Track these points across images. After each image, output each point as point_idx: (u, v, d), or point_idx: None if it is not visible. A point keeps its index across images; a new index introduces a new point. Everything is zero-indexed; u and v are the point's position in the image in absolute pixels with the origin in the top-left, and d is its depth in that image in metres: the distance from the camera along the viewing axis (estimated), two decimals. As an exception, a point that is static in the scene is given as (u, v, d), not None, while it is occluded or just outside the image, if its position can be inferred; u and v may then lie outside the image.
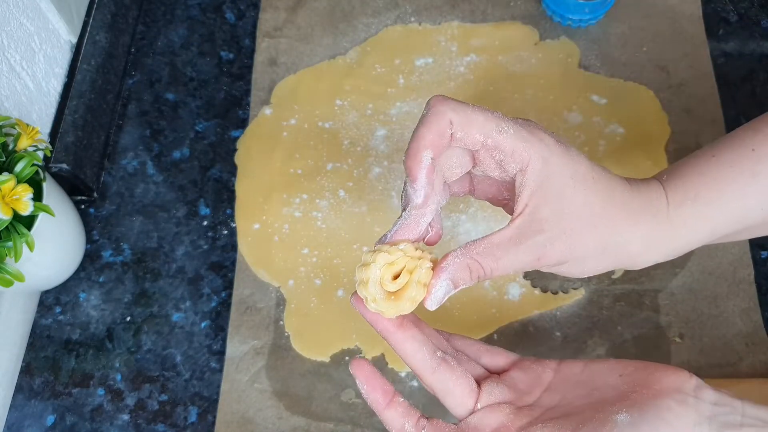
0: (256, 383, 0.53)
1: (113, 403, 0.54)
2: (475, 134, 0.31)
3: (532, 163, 0.31)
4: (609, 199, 0.33)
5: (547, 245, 0.32)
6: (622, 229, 0.33)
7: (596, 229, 0.32)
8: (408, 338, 0.33)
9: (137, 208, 0.61)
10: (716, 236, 0.35)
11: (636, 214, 0.34)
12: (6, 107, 0.55)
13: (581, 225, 0.32)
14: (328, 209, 0.59)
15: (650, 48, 0.63)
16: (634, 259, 0.34)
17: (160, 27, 0.70)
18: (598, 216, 0.32)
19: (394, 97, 0.63)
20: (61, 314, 0.57)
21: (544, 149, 0.31)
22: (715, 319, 0.52)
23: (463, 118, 0.31)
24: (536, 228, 0.32)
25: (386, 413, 0.32)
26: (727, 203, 0.34)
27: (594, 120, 0.60)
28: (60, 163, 0.58)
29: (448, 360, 0.33)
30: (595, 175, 0.33)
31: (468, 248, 0.32)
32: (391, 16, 0.67)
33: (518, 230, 0.32)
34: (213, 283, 0.57)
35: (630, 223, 0.33)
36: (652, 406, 0.29)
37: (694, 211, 0.34)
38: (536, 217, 0.32)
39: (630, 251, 0.34)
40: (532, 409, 0.33)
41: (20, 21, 0.56)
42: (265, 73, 0.66)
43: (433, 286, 0.31)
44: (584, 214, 0.32)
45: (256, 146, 0.63)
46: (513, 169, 0.32)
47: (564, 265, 0.33)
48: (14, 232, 0.48)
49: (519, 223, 0.32)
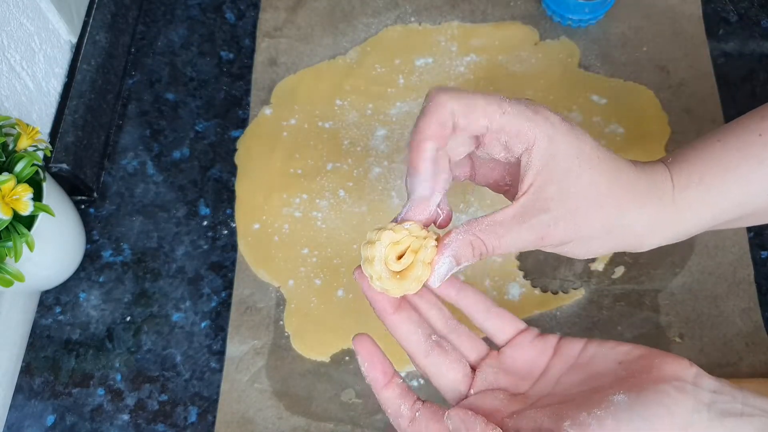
0: (256, 383, 0.53)
1: (113, 403, 0.54)
2: (479, 119, 0.31)
3: (538, 142, 0.31)
4: (615, 179, 0.33)
5: (551, 224, 0.32)
6: (628, 210, 0.33)
7: (602, 209, 0.32)
8: (404, 320, 0.33)
9: (137, 208, 0.61)
10: (719, 221, 0.35)
11: (642, 195, 0.33)
12: (6, 107, 0.55)
13: (587, 205, 0.32)
14: (328, 209, 0.59)
15: (650, 48, 0.63)
16: (638, 240, 0.34)
17: (160, 27, 0.70)
18: (604, 196, 0.32)
19: (394, 97, 0.63)
20: (61, 314, 0.57)
21: (550, 128, 0.31)
22: (715, 319, 0.52)
23: (464, 106, 0.31)
24: (541, 207, 0.32)
25: (383, 393, 0.32)
26: (732, 188, 0.34)
27: (594, 120, 0.60)
28: (60, 163, 0.58)
29: (442, 344, 0.33)
30: (601, 155, 0.32)
31: (471, 225, 0.32)
32: (391, 16, 0.67)
33: (522, 208, 0.32)
34: (213, 283, 0.57)
35: (636, 204, 0.33)
36: (650, 390, 0.29)
37: (698, 194, 0.34)
38: (541, 195, 0.32)
39: (636, 232, 0.33)
40: (526, 396, 0.32)
41: (20, 21, 0.56)
42: (265, 73, 0.66)
43: (436, 263, 0.31)
44: (590, 194, 0.32)
45: (256, 146, 0.63)
46: (519, 149, 0.32)
47: (567, 246, 0.33)
48: (14, 232, 0.48)
49: (523, 201, 0.32)
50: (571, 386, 0.32)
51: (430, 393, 0.50)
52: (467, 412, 0.30)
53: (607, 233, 0.33)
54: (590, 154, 0.32)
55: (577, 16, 0.63)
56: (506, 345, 0.35)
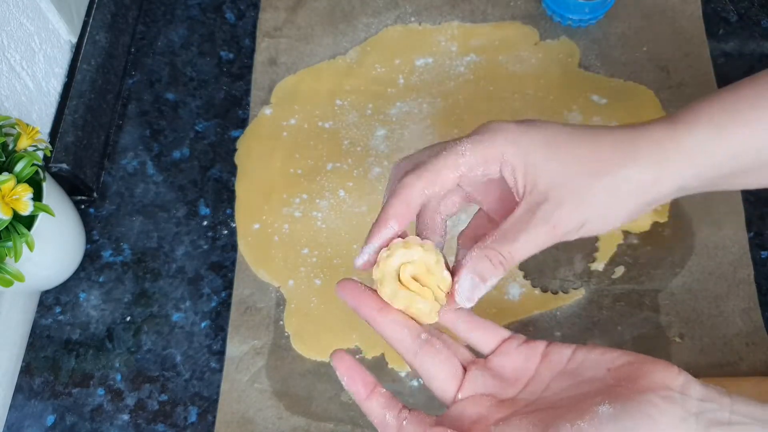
0: (256, 383, 0.53)
1: (113, 403, 0.54)
2: (447, 180, 0.33)
3: (505, 154, 0.33)
4: (596, 144, 0.33)
5: (557, 209, 0.32)
6: (625, 165, 0.33)
7: (598, 174, 0.33)
8: (389, 322, 0.33)
9: (137, 208, 0.61)
10: (725, 170, 0.34)
11: (633, 146, 0.33)
12: (6, 107, 0.55)
13: (579, 176, 0.33)
14: (328, 209, 0.59)
15: (650, 48, 0.63)
16: (651, 192, 0.34)
17: (160, 27, 0.70)
18: (593, 161, 0.33)
19: (394, 97, 0.63)
20: (61, 314, 0.57)
21: (508, 135, 0.33)
22: (715, 319, 0.52)
23: (428, 181, 0.33)
24: (540, 200, 0.33)
25: (367, 404, 0.32)
26: (742, 130, 0.33)
27: (594, 120, 0.60)
28: (60, 163, 0.58)
29: (432, 342, 0.33)
30: (570, 129, 0.34)
31: (481, 241, 0.33)
32: (391, 16, 0.67)
33: (525, 208, 0.33)
34: (213, 283, 0.57)
35: (630, 157, 0.33)
36: (636, 400, 0.28)
37: (707, 133, 0.33)
38: (536, 191, 0.33)
39: (642, 182, 0.33)
40: (514, 402, 0.32)
41: (20, 21, 0.56)
42: (265, 73, 0.66)
43: (456, 282, 0.33)
44: (576, 166, 0.33)
45: (256, 146, 0.63)
46: (495, 170, 0.34)
47: (585, 226, 0.33)
48: (14, 232, 0.48)
49: (523, 203, 0.33)
50: (560, 391, 0.32)
51: (429, 394, 0.50)
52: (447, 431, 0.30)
53: (614, 196, 0.33)
54: (557, 135, 0.33)
55: (577, 16, 0.63)
56: (492, 353, 0.35)
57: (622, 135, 0.34)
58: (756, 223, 0.56)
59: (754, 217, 0.56)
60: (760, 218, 0.56)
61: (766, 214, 0.56)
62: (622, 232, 0.55)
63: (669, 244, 0.55)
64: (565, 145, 0.33)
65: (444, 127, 0.61)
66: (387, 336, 0.33)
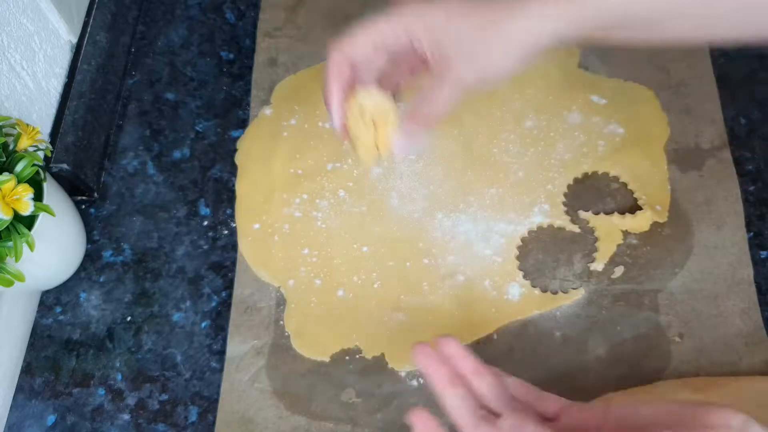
0: (256, 383, 0.53)
1: (114, 403, 0.54)
2: (363, 40, 0.41)
3: (411, 23, 0.39)
4: (490, 2, 0.38)
5: (456, 60, 0.39)
6: (514, 13, 0.38)
7: (493, 26, 0.38)
8: (454, 396, 0.36)
9: (137, 208, 0.61)
10: (599, 22, 0.38)
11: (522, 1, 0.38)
12: (6, 107, 0.55)
13: (477, 31, 0.38)
14: (328, 209, 0.59)
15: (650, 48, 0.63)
16: (537, 38, 0.38)
17: (160, 27, 0.70)
18: (487, 17, 0.38)
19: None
20: (61, 314, 0.57)
21: (414, 10, 0.39)
22: (715, 319, 0.52)
23: (347, 41, 0.41)
24: (445, 57, 0.39)
25: None
26: None
27: (594, 120, 0.60)
28: (60, 163, 0.58)
29: (489, 418, 0.35)
30: (469, 1, 0.39)
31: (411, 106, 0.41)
32: (391, 16, 0.67)
33: (435, 69, 0.40)
34: (213, 283, 0.58)
35: (519, 7, 0.37)
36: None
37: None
38: (440, 52, 0.39)
39: (530, 30, 0.37)
40: None
41: (20, 21, 0.56)
42: (265, 73, 0.66)
43: (395, 139, 0.43)
44: (475, 22, 0.38)
45: (256, 146, 0.63)
46: (405, 40, 0.40)
47: (483, 76, 0.39)
48: (15, 232, 0.48)
49: (434, 66, 0.40)
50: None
51: (430, 394, 0.50)
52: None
53: (507, 45, 0.38)
54: (459, 6, 0.39)
55: (577, 16, 0.63)
56: (556, 417, 0.36)
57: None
58: (755, 223, 0.56)
59: (753, 217, 0.56)
60: (760, 218, 0.56)
61: (765, 214, 0.56)
62: (622, 232, 0.55)
63: (668, 244, 0.55)
64: (463, 9, 0.39)
65: (444, 127, 0.61)
66: (450, 408, 0.36)
